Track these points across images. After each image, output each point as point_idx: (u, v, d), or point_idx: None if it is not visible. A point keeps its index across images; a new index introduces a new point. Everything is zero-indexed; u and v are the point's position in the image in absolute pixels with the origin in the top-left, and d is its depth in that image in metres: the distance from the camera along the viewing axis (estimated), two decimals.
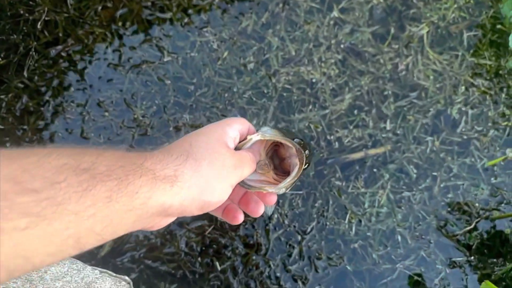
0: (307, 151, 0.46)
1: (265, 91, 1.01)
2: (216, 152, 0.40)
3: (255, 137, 0.45)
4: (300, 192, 0.97)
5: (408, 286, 0.96)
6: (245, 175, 0.42)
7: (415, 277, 0.96)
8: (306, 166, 0.47)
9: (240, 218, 0.47)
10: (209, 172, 0.38)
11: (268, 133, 0.45)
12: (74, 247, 0.31)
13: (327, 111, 1.01)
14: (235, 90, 1.01)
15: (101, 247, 0.88)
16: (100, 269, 0.61)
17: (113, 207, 0.32)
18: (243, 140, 0.45)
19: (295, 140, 0.47)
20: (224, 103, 1.00)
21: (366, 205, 0.97)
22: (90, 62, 1.00)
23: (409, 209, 0.99)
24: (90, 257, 0.88)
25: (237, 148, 0.44)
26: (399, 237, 0.97)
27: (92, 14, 1.02)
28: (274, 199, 0.48)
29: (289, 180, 0.44)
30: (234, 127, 0.44)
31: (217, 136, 0.41)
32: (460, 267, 0.99)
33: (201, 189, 0.37)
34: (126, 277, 0.63)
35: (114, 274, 0.61)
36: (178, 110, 0.99)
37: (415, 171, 1.01)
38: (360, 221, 0.96)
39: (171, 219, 0.40)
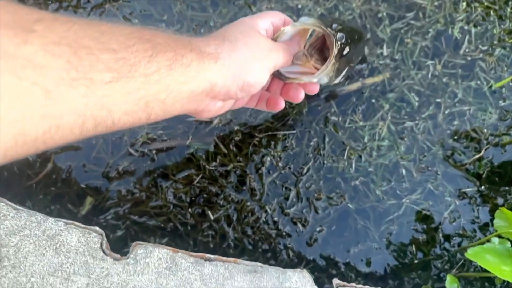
0: (339, 34, 0.43)
1: None
2: (250, 36, 0.41)
3: (287, 28, 0.43)
4: (294, 131, 0.89)
5: (416, 221, 0.89)
6: (280, 62, 0.43)
7: (423, 212, 0.90)
8: (345, 52, 0.44)
9: (281, 104, 0.50)
10: (246, 52, 0.40)
11: (300, 23, 0.43)
12: (144, 111, 0.34)
13: None
14: (211, 24, 0.91)
15: (81, 205, 0.82)
16: (65, 220, 0.54)
17: (172, 76, 0.35)
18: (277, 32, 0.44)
19: (333, 25, 0.44)
20: None
21: (365, 139, 0.89)
22: (46, 6, 0.90)
23: (412, 140, 0.91)
24: (70, 217, 0.81)
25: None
26: (404, 171, 0.90)
27: None
28: (315, 88, 0.50)
29: (323, 68, 0.43)
30: (266, 19, 0.45)
31: (249, 25, 0.43)
32: (470, 197, 0.92)
33: (240, 68, 0.39)
34: (97, 228, 0.56)
35: (83, 225, 0.55)
36: None
37: (416, 98, 0.93)
38: (360, 156, 0.89)
39: (218, 106, 0.42)
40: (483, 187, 0.93)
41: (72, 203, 0.82)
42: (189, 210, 0.84)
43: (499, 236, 0.80)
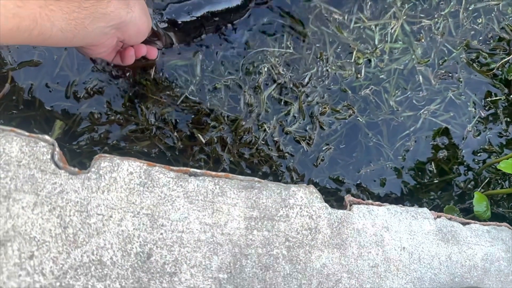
0: None
1: None
2: None
3: None
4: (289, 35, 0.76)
5: (436, 136, 0.78)
6: None
7: (444, 125, 0.78)
8: None
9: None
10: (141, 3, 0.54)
11: None
12: (71, 32, 0.44)
13: None
14: None
15: (50, 130, 0.71)
16: (1, 126, 0.43)
17: (96, 7, 0.45)
18: None
19: None
20: None
21: (376, 41, 0.76)
22: None
23: (430, 42, 0.78)
24: None
25: None
26: (421, 78, 0.78)
27: None
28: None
29: None
30: None
31: None
32: (498, 107, 0.80)
33: (140, 13, 0.54)
34: (46, 137, 0.45)
35: (27, 133, 0.44)
36: None
37: None
38: (369, 61, 0.76)
39: (110, 43, 0.56)
40: None
41: (40, 128, 0.71)
42: (175, 133, 0.73)
43: None
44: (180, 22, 0.67)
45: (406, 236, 0.56)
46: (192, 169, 0.48)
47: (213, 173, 0.48)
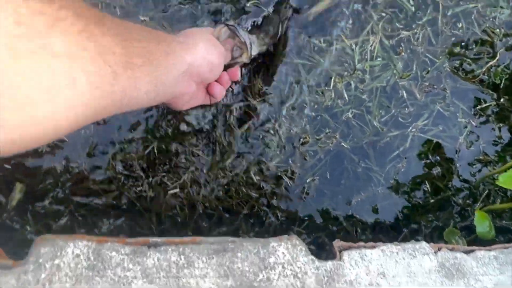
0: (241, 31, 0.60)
1: None
2: (205, 34, 0.56)
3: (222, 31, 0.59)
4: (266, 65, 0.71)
5: (427, 152, 0.73)
6: (224, 52, 0.57)
7: (434, 140, 0.73)
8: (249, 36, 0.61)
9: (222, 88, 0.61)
10: (206, 43, 0.53)
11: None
12: (154, 91, 0.43)
13: None
14: None
15: (8, 197, 0.65)
16: None
17: (167, 60, 0.45)
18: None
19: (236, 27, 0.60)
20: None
21: (356, 61, 0.71)
22: None
23: (411, 54, 0.73)
24: None
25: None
26: (405, 93, 0.72)
27: None
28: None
29: (248, 49, 0.61)
30: (209, 28, 0.60)
31: (203, 29, 0.59)
32: (488, 114, 0.75)
33: (205, 52, 0.52)
34: None
35: None
36: None
37: (411, 2, 0.74)
38: (349, 84, 0.71)
39: (192, 89, 0.54)
40: (502, 99, 0.76)
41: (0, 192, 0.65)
42: (146, 180, 0.67)
43: None
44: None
45: (405, 280, 0.51)
46: (151, 239, 0.42)
47: (177, 239, 0.42)
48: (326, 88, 0.70)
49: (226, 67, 0.60)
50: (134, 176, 0.66)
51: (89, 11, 0.33)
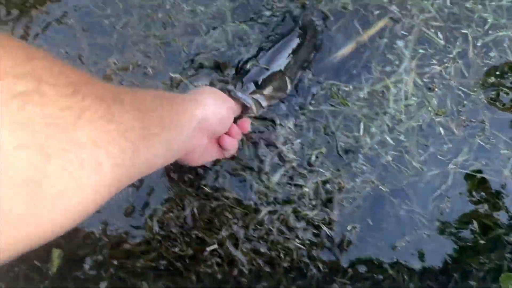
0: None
1: None
2: (214, 91, 0.58)
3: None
4: (298, 120, 0.70)
5: (471, 189, 0.70)
6: (235, 107, 0.59)
7: (477, 175, 0.70)
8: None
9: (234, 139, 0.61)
10: (216, 99, 0.55)
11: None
12: (169, 151, 0.45)
13: None
14: (167, 6, 0.73)
15: (49, 261, 0.65)
16: None
17: (180, 119, 0.46)
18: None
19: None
20: (160, 26, 0.72)
21: (390, 102, 0.69)
22: None
23: (444, 89, 0.71)
24: (40, 278, 0.65)
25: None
26: (441, 129, 0.70)
27: None
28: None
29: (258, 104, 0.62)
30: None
31: (212, 88, 0.59)
32: None
33: (215, 107, 0.53)
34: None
35: None
36: (100, 55, 0.72)
37: (439, 35, 0.72)
38: (387, 125, 0.69)
39: (204, 143, 0.54)
40: None
41: (39, 258, 0.66)
42: (184, 238, 0.66)
43: None
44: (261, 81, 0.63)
45: None
46: None
47: None
48: (356, 134, 0.69)
49: (236, 119, 0.61)
50: (172, 236, 0.66)
51: (109, 91, 0.33)
